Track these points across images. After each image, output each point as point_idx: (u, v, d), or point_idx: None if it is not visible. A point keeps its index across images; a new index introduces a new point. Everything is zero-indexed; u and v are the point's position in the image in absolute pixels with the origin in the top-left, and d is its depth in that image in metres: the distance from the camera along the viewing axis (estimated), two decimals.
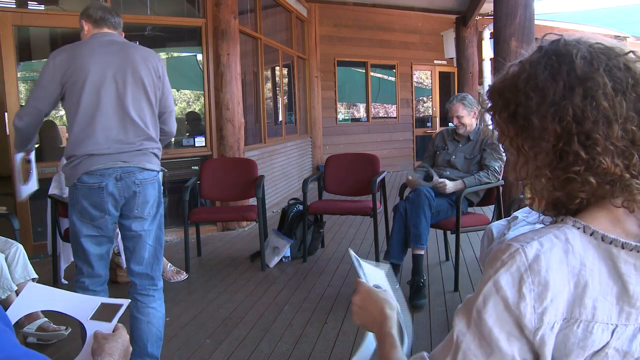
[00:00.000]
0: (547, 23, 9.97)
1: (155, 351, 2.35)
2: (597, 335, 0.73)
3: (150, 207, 2.30)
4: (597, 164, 0.75)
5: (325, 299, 3.49)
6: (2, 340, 0.70)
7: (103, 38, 2.30)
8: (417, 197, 3.42)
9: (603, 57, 0.78)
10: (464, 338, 0.77)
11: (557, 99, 0.77)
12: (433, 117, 11.50)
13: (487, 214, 4.09)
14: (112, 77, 2.20)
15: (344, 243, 4.96)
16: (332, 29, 9.55)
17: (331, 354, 2.71)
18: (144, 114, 2.26)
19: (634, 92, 0.76)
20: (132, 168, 2.21)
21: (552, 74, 0.78)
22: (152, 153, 2.30)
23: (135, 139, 2.23)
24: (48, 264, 3.95)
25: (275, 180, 6.98)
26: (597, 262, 0.74)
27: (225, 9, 5.35)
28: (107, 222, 2.25)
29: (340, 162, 4.74)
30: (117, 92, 2.21)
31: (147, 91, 2.26)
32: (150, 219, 2.31)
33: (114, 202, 2.22)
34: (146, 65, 2.27)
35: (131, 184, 2.22)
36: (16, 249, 3.00)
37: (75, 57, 2.22)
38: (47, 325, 2.95)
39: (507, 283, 0.75)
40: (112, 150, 2.19)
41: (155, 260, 2.35)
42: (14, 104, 4.51)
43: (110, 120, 2.19)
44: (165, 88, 2.36)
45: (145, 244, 2.32)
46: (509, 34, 4.24)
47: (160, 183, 2.38)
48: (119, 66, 2.22)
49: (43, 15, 5.17)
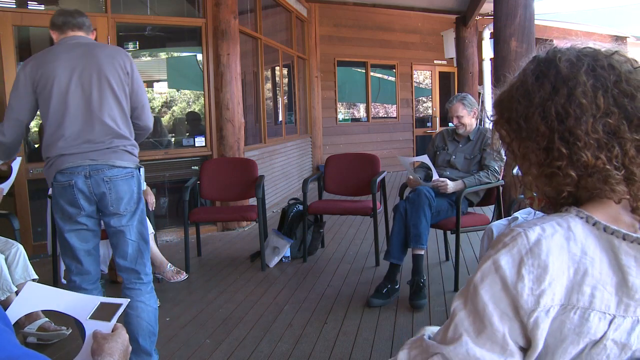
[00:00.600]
0: (547, 23, 9.97)
1: (147, 345, 2.36)
2: (594, 323, 0.74)
3: (126, 203, 2.32)
4: (577, 158, 0.79)
5: (325, 299, 3.49)
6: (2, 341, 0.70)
7: (68, 42, 2.35)
8: (417, 197, 3.42)
9: (587, 58, 0.82)
10: (459, 313, 0.80)
11: (543, 101, 0.82)
12: (433, 117, 11.50)
13: (487, 214, 4.09)
14: (77, 79, 2.26)
15: (344, 243, 4.96)
16: (332, 29, 9.55)
17: (331, 354, 2.71)
18: (112, 112, 2.30)
19: (616, 88, 0.79)
20: (100, 165, 2.26)
21: (538, 79, 0.84)
22: (123, 150, 2.33)
23: (104, 138, 2.28)
24: (48, 264, 3.95)
25: (275, 180, 6.98)
26: (598, 252, 0.76)
27: (225, 9, 5.35)
28: (84, 217, 2.31)
29: (340, 162, 4.74)
30: (83, 93, 2.27)
31: (114, 89, 2.30)
32: (129, 215, 2.34)
33: (86, 198, 2.28)
34: (112, 64, 2.30)
35: (100, 181, 2.27)
36: (16, 249, 3.00)
37: (42, 63, 2.30)
38: (47, 325, 2.95)
39: (506, 263, 0.77)
40: (80, 150, 2.25)
41: (140, 255, 2.38)
42: None
43: (77, 121, 2.26)
44: (134, 84, 2.38)
45: (127, 239, 2.35)
46: (509, 34, 4.24)
47: (139, 179, 2.39)
48: (84, 68, 2.27)
49: (43, 15, 5.16)
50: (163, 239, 5.10)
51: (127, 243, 2.35)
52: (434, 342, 0.82)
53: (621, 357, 0.76)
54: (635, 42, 12.73)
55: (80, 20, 2.39)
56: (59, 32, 2.40)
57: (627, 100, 0.78)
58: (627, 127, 0.78)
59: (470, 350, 0.77)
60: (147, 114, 2.47)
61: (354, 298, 3.50)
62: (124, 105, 2.34)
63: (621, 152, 0.77)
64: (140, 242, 2.38)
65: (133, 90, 2.38)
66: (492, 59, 5.55)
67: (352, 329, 3.00)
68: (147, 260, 2.42)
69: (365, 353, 2.71)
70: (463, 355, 0.78)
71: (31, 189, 4.58)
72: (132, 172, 2.35)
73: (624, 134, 0.77)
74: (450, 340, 0.79)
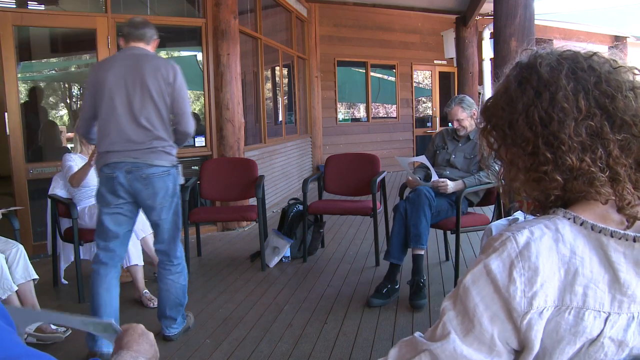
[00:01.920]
0: (547, 23, 9.97)
1: (174, 314, 2.87)
2: (589, 322, 0.75)
3: (161, 197, 2.68)
4: (562, 162, 0.79)
5: (325, 299, 3.49)
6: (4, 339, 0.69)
7: (125, 52, 2.73)
8: (417, 197, 3.42)
9: (567, 61, 0.83)
10: (449, 312, 0.81)
11: (526, 107, 0.83)
12: (433, 117, 11.50)
13: (487, 214, 4.09)
14: (124, 87, 2.61)
15: (344, 243, 4.96)
16: (332, 29, 9.55)
17: (331, 354, 2.71)
18: (151, 117, 2.63)
19: (597, 89, 0.80)
20: (140, 164, 2.62)
21: (520, 84, 0.85)
22: (161, 151, 2.66)
23: (144, 139, 2.62)
24: (48, 264, 3.94)
25: (275, 180, 6.98)
26: (587, 251, 0.76)
27: (225, 9, 5.34)
28: (124, 207, 2.70)
29: (340, 162, 4.73)
30: (127, 99, 2.61)
31: (154, 97, 2.62)
32: (165, 208, 2.72)
33: (125, 190, 2.66)
34: (154, 75, 2.62)
35: (139, 177, 2.63)
36: (17, 249, 3.00)
37: (100, 70, 2.71)
38: (45, 327, 2.95)
39: (497, 267, 0.77)
40: (123, 148, 2.61)
41: (172, 241, 2.81)
42: (14, 104, 4.51)
43: (121, 123, 2.61)
44: (175, 93, 2.67)
45: (163, 228, 2.78)
46: (509, 34, 4.24)
47: (175, 177, 2.73)
48: (130, 77, 2.61)
49: (43, 15, 5.17)
50: None
51: (163, 231, 2.78)
52: (423, 340, 0.83)
53: (618, 355, 0.76)
54: (635, 42, 12.73)
55: (142, 32, 2.72)
56: (124, 41, 2.75)
57: (608, 101, 0.79)
58: (610, 128, 0.78)
59: (457, 347, 0.78)
60: (187, 121, 2.73)
61: (354, 298, 3.50)
62: (162, 112, 2.66)
63: (605, 153, 0.78)
64: (173, 231, 2.80)
65: (174, 98, 2.67)
66: (492, 59, 5.55)
67: (352, 329, 3.00)
68: (177, 246, 2.84)
69: (365, 353, 2.71)
70: (450, 352, 0.78)
71: (31, 189, 4.58)
72: (169, 170, 2.69)
73: (606, 135, 0.78)
74: (439, 337, 0.80)
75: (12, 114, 4.50)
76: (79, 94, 8.03)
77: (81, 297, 3.55)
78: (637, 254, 0.75)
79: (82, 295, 3.55)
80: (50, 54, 6.82)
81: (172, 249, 2.83)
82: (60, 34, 6.24)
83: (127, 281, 3.81)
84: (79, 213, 3.59)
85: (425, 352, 0.81)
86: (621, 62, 0.84)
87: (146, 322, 3.27)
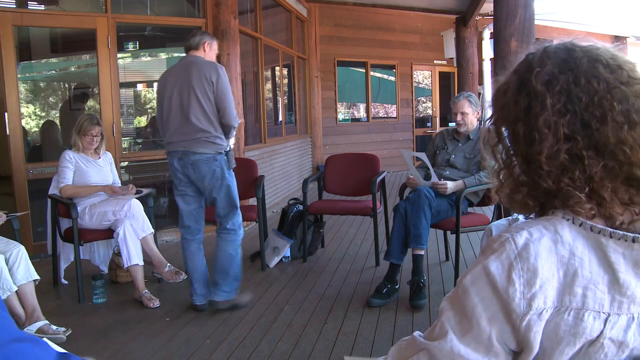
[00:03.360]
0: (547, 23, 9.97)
1: (219, 279, 3.26)
2: (589, 323, 0.74)
3: (208, 180, 3.18)
4: (539, 186, 0.80)
5: (325, 299, 3.49)
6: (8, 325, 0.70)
7: (181, 61, 3.28)
8: (417, 198, 3.42)
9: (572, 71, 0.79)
10: (447, 312, 0.81)
11: (515, 120, 0.82)
12: (433, 117, 11.50)
13: (487, 214, 4.08)
14: (177, 90, 3.14)
15: (344, 243, 4.96)
16: (332, 29, 9.55)
17: (331, 354, 2.71)
18: (197, 113, 3.11)
19: (587, 111, 0.77)
20: (188, 152, 3.15)
21: (518, 89, 0.83)
22: (205, 140, 3.13)
23: (192, 132, 3.12)
24: (48, 264, 3.94)
25: (275, 180, 6.98)
26: (586, 252, 0.76)
27: (225, 9, 5.34)
28: (185, 187, 3.25)
29: (340, 162, 4.73)
30: (179, 99, 3.14)
31: (198, 96, 3.09)
32: (215, 189, 3.20)
33: (181, 173, 3.22)
34: (199, 77, 3.09)
35: (187, 163, 3.17)
36: (18, 250, 3.00)
37: (163, 77, 3.32)
38: (47, 328, 2.95)
39: (496, 269, 0.77)
40: (176, 139, 3.18)
41: (227, 214, 3.27)
42: (14, 104, 4.51)
43: (176, 119, 3.16)
44: (218, 91, 3.12)
45: (218, 205, 3.27)
46: (509, 34, 4.24)
47: (222, 162, 3.18)
48: (181, 81, 3.13)
49: (43, 15, 5.17)
50: (163, 239, 5.09)
51: (218, 207, 3.27)
52: (422, 339, 0.83)
53: (619, 356, 0.76)
54: (635, 42, 12.73)
55: (193, 41, 3.24)
56: (185, 51, 3.30)
57: (596, 123, 0.76)
58: (594, 152, 0.76)
59: (455, 347, 0.78)
60: (229, 114, 3.16)
61: (354, 298, 3.50)
62: (206, 108, 3.11)
63: (585, 176, 0.77)
64: (227, 206, 3.26)
65: (217, 95, 3.12)
66: (492, 59, 5.55)
67: (352, 329, 3.00)
68: (232, 219, 3.28)
69: (365, 353, 2.71)
70: (447, 351, 0.79)
71: (31, 189, 4.57)
72: (213, 156, 3.16)
73: (589, 159, 0.76)
74: (437, 336, 0.81)
75: (12, 114, 4.50)
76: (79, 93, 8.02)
77: (81, 297, 3.55)
78: (637, 254, 0.74)
79: (82, 295, 3.55)
80: (50, 54, 6.82)
81: (226, 221, 3.29)
82: (60, 34, 6.24)
83: (127, 281, 3.81)
84: (79, 213, 3.59)
85: (423, 351, 0.81)
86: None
87: (146, 323, 3.26)
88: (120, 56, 5.28)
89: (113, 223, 3.58)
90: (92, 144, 3.79)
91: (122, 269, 3.70)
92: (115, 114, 4.95)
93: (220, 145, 3.18)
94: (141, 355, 2.76)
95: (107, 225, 3.62)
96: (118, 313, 3.36)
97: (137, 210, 3.61)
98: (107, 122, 4.87)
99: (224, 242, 3.28)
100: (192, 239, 3.33)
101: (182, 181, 3.24)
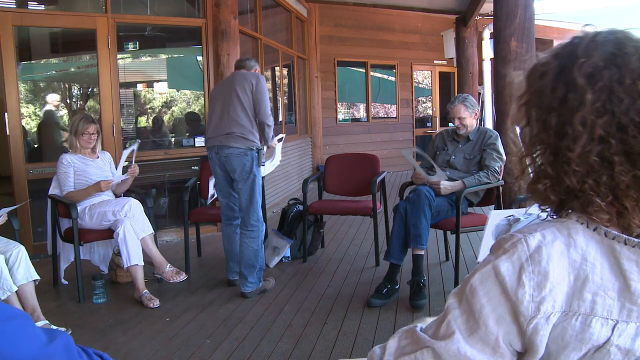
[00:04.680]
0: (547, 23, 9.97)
1: (246, 273, 3.54)
2: (596, 329, 0.73)
3: (239, 172, 3.49)
4: (562, 182, 0.76)
5: (325, 299, 3.49)
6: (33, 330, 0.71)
7: (230, 75, 3.79)
8: (417, 198, 3.42)
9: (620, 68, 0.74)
10: (454, 311, 0.80)
11: (549, 108, 0.78)
12: (433, 117, 11.50)
13: (487, 214, 4.08)
14: (223, 94, 3.58)
15: (344, 243, 4.96)
16: (332, 29, 9.54)
17: (331, 354, 2.71)
18: (237, 110, 3.50)
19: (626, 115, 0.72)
20: (223, 146, 3.50)
21: (554, 81, 0.78)
22: (238, 136, 3.47)
23: (229, 126, 3.48)
24: (48, 264, 3.94)
25: (275, 181, 6.98)
26: (599, 257, 0.74)
27: (225, 9, 5.34)
28: (221, 179, 3.62)
29: (340, 162, 4.73)
30: (223, 102, 3.56)
31: (240, 99, 3.50)
32: (242, 181, 3.50)
33: (217, 165, 3.58)
34: (242, 84, 3.52)
35: (222, 156, 3.51)
36: (18, 250, 3.00)
37: (216, 86, 3.99)
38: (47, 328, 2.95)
39: (507, 269, 0.76)
40: (213, 134, 3.56)
41: (247, 210, 3.54)
42: (14, 104, 4.51)
43: (217, 117, 3.56)
44: (256, 94, 3.51)
45: (240, 198, 3.57)
46: (509, 34, 4.24)
47: (252, 157, 3.48)
48: (227, 88, 3.58)
49: (43, 15, 5.17)
50: (163, 239, 5.10)
51: (242, 199, 3.55)
52: (426, 336, 0.82)
53: None
54: None
55: (247, 64, 3.71)
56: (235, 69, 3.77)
57: (634, 129, 0.72)
58: (626, 158, 0.73)
59: (462, 348, 0.77)
60: (263, 113, 3.53)
61: (354, 298, 3.50)
62: (245, 105, 3.49)
63: (611, 182, 0.73)
64: (248, 202, 3.52)
65: (255, 98, 3.51)
66: (492, 59, 5.55)
67: (352, 329, 3.00)
68: (252, 214, 3.53)
69: (365, 353, 2.70)
70: (454, 352, 0.78)
71: (31, 189, 4.57)
72: (244, 151, 3.48)
73: (619, 165, 0.73)
74: (442, 336, 0.80)
75: (12, 114, 4.50)
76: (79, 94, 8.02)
77: (81, 297, 3.55)
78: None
79: (82, 295, 3.55)
80: (50, 54, 6.82)
81: (247, 217, 3.54)
82: (60, 34, 6.24)
83: (127, 281, 3.81)
84: (79, 213, 3.59)
85: (427, 348, 0.80)
86: None
87: (146, 323, 3.26)
88: (120, 56, 5.27)
89: (113, 223, 3.57)
90: (90, 143, 3.79)
91: (122, 269, 3.70)
92: (115, 114, 4.94)
93: (252, 142, 3.49)
94: (141, 355, 2.76)
95: (107, 226, 3.61)
96: (118, 313, 3.36)
97: (137, 210, 3.61)
98: (107, 122, 4.87)
99: (248, 239, 3.54)
100: (228, 224, 3.73)
101: (219, 174, 3.60)
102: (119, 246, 3.51)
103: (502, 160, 3.62)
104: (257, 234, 3.55)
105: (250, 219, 3.54)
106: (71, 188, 3.69)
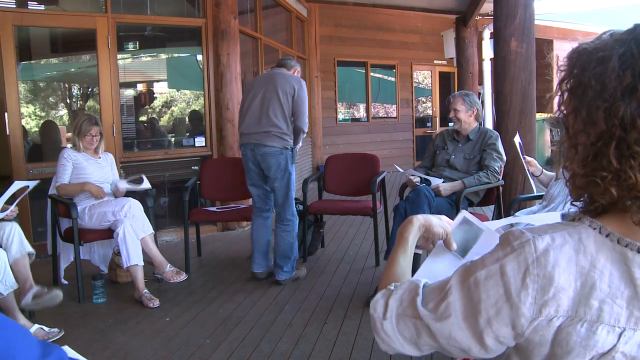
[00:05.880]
0: (547, 23, 9.97)
1: (281, 263, 3.76)
2: (602, 337, 0.73)
3: (274, 170, 3.63)
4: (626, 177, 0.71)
5: (325, 299, 3.49)
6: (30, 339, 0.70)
7: (269, 72, 3.83)
8: (417, 197, 3.42)
9: None
10: (455, 292, 0.80)
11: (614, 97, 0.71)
12: (433, 117, 11.50)
13: (487, 214, 4.08)
14: (262, 92, 3.66)
15: (344, 243, 4.96)
16: (332, 29, 9.54)
17: (331, 354, 2.71)
18: (276, 112, 3.60)
19: None
20: (259, 144, 3.62)
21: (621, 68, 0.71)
22: (274, 135, 3.59)
23: (266, 125, 3.60)
24: (48, 264, 3.94)
25: None
26: (608, 265, 0.73)
27: (225, 9, 5.34)
28: (253, 174, 3.76)
29: (340, 162, 4.73)
30: (262, 100, 3.64)
31: (280, 99, 3.60)
32: (278, 179, 3.66)
33: (251, 162, 3.71)
34: (283, 86, 3.62)
35: (258, 154, 3.65)
36: (11, 227, 3.02)
37: (252, 81, 4.02)
38: (40, 292, 2.99)
39: (512, 270, 0.76)
40: (250, 131, 3.66)
41: (283, 205, 3.73)
42: (14, 104, 4.51)
43: (253, 116, 3.66)
44: (297, 98, 3.63)
45: (277, 195, 3.74)
46: (509, 34, 4.25)
47: (287, 156, 3.63)
48: (269, 85, 3.66)
49: (43, 15, 5.16)
50: (163, 239, 5.09)
51: (277, 195, 3.73)
52: (425, 312, 0.83)
53: None
54: None
55: (288, 63, 3.85)
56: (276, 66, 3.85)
57: None
58: None
59: (453, 331, 0.80)
60: (301, 119, 3.65)
61: (354, 298, 3.50)
62: (285, 107, 3.61)
63: None
64: (284, 198, 3.70)
65: (295, 102, 3.63)
66: (492, 59, 5.55)
67: (352, 329, 3.00)
68: (288, 209, 3.73)
69: (365, 353, 2.71)
70: (445, 334, 0.80)
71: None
72: (280, 150, 3.62)
73: None
74: (439, 316, 0.81)
75: (12, 114, 4.50)
76: (79, 94, 8.03)
77: (81, 297, 3.55)
78: None
79: (82, 295, 3.55)
80: (50, 54, 6.82)
81: (283, 212, 3.73)
82: (60, 34, 6.24)
83: (127, 281, 3.81)
84: (79, 213, 3.59)
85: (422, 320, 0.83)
86: None
87: (146, 323, 3.27)
88: (120, 56, 5.27)
89: (113, 223, 3.58)
90: (92, 144, 3.80)
91: (122, 269, 3.69)
92: (115, 114, 4.94)
93: (287, 142, 3.65)
94: (141, 355, 2.76)
95: (107, 226, 3.62)
96: (118, 313, 3.36)
97: (137, 210, 3.61)
98: (107, 122, 4.87)
99: (283, 232, 3.74)
100: (258, 215, 3.86)
101: (252, 169, 3.73)
102: (119, 246, 3.51)
103: (502, 161, 3.62)
104: (292, 228, 3.76)
105: (286, 214, 3.73)
106: (65, 181, 3.71)
